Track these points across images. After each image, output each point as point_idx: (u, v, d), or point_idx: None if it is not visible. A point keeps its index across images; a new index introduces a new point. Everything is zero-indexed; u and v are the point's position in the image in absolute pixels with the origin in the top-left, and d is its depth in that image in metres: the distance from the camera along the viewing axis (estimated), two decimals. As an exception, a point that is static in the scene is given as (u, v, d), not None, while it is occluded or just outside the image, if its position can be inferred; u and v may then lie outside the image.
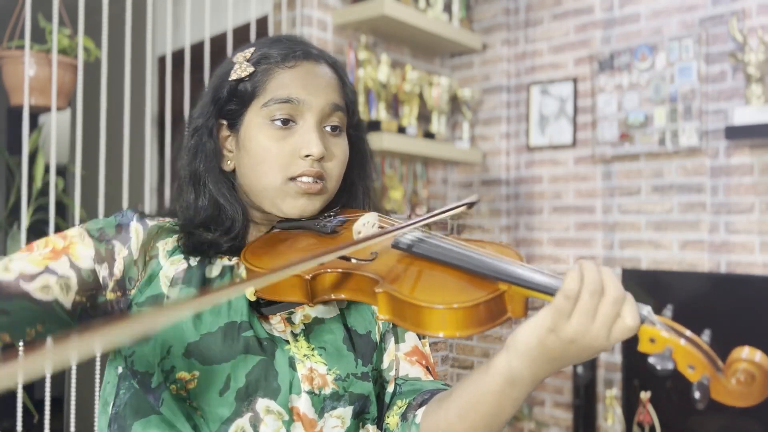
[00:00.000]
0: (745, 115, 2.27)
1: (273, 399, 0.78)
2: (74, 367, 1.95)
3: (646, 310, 0.64)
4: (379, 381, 0.89)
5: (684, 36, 2.52)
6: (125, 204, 2.08)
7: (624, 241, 2.68)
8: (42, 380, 1.91)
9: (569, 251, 2.83)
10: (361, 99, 2.57)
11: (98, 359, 2.05)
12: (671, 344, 0.62)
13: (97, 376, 2.02)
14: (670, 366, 0.61)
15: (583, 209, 2.79)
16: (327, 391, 0.81)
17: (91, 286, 0.82)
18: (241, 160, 0.90)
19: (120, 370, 0.84)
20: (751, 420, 2.18)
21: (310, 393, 0.80)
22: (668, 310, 0.66)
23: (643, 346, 0.64)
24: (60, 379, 2.81)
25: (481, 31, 3.08)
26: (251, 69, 0.88)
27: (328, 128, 0.90)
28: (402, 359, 0.91)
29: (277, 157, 0.86)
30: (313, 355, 0.82)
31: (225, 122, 0.92)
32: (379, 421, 0.89)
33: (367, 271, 0.74)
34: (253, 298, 0.84)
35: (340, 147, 0.91)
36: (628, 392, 2.43)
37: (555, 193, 2.88)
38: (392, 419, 0.86)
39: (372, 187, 1.00)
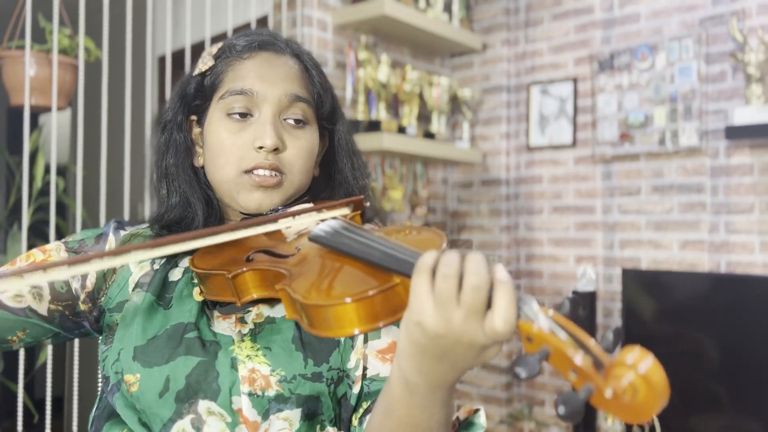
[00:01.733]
0: (745, 115, 2.27)
1: (213, 400, 0.76)
2: (75, 367, 1.95)
3: (529, 305, 0.54)
4: (346, 381, 0.84)
5: (684, 36, 2.52)
6: (126, 204, 2.08)
7: (624, 241, 2.68)
8: (42, 380, 1.91)
9: (569, 251, 2.83)
10: (361, 99, 2.58)
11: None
12: (549, 345, 0.52)
13: (99, 376, 2.02)
14: (535, 371, 0.51)
15: (583, 209, 2.79)
16: (270, 392, 0.77)
17: (65, 297, 0.84)
18: (205, 154, 0.90)
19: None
20: (751, 420, 2.18)
21: (251, 395, 0.76)
22: (566, 303, 0.55)
23: (524, 347, 0.54)
24: (60, 379, 2.81)
25: (481, 31, 3.08)
26: (211, 62, 0.89)
27: (290, 120, 0.88)
28: (373, 357, 0.84)
29: (232, 149, 0.86)
30: (256, 356, 0.79)
31: (195, 118, 0.92)
32: (344, 423, 0.84)
33: (282, 267, 0.71)
34: (199, 299, 0.84)
35: (303, 139, 0.89)
36: (628, 392, 2.43)
37: (555, 193, 2.88)
38: (356, 420, 0.82)
39: (354, 179, 0.96)
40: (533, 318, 0.54)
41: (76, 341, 1.95)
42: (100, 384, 2.06)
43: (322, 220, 0.77)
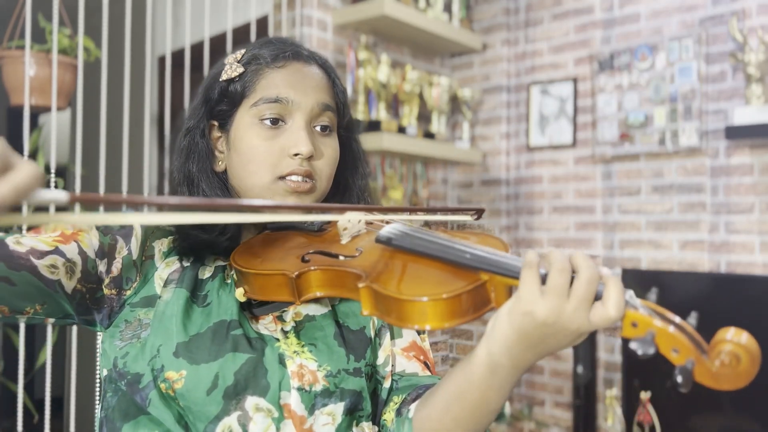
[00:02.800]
0: (745, 115, 2.27)
1: (262, 396, 0.78)
2: (74, 367, 1.95)
3: (628, 294, 0.63)
4: (375, 377, 0.89)
5: (684, 36, 2.52)
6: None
7: (624, 241, 2.68)
8: (42, 380, 1.91)
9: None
10: (361, 99, 2.58)
11: (98, 359, 2.05)
12: (654, 328, 0.61)
13: (98, 377, 2.02)
14: (651, 351, 0.59)
15: (583, 209, 2.79)
16: (318, 387, 0.80)
17: (92, 279, 0.83)
18: (231, 160, 0.91)
19: (105, 372, 0.84)
20: (751, 420, 2.18)
21: (300, 389, 0.79)
22: (653, 293, 0.66)
23: (626, 331, 0.62)
24: (60, 379, 2.81)
25: (481, 31, 3.08)
26: (241, 69, 0.90)
27: (318, 128, 0.91)
28: (399, 354, 0.91)
29: (266, 155, 0.87)
30: (303, 352, 0.82)
31: (216, 123, 0.93)
32: (376, 418, 0.88)
33: (351, 266, 0.74)
34: (243, 299, 0.85)
35: (330, 146, 0.92)
36: (628, 392, 2.43)
37: (555, 193, 2.88)
38: (388, 415, 0.86)
39: (367, 186, 1.00)
40: (636, 306, 0.62)
41: (75, 341, 1.95)
42: (98, 384, 2.02)
43: (386, 223, 0.81)
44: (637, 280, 2.45)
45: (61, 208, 0.57)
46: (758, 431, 2.15)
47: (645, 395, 2.31)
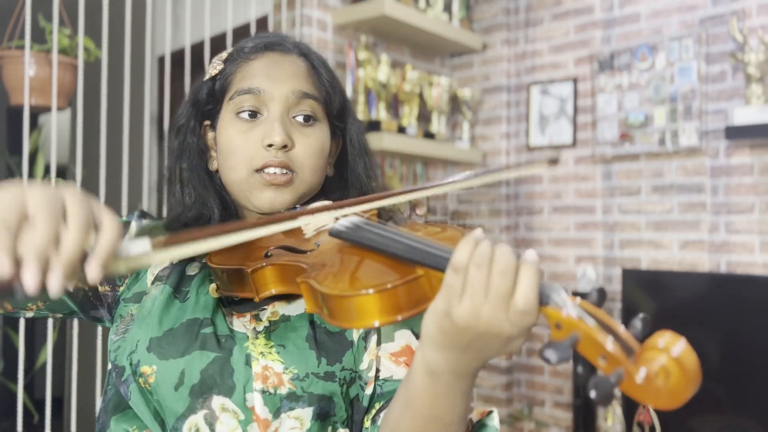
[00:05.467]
0: (745, 115, 2.27)
1: (228, 397, 0.77)
2: (75, 367, 1.95)
3: (556, 291, 0.55)
4: (358, 383, 0.84)
5: (684, 36, 2.52)
6: (125, 204, 2.08)
7: (624, 241, 2.68)
8: (42, 380, 1.91)
9: (569, 251, 2.83)
10: (361, 99, 2.57)
11: (99, 359, 2.05)
12: (578, 331, 0.53)
13: (98, 376, 2.02)
14: (566, 355, 0.51)
15: (583, 209, 2.79)
16: (283, 390, 0.77)
17: None
18: (218, 156, 0.91)
19: (110, 366, 0.85)
20: (751, 420, 2.18)
21: (263, 392, 0.77)
22: (594, 293, 0.57)
23: (552, 334, 0.54)
24: (60, 379, 2.81)
25: (481, 31, 3.08)
26: (221, 66, 0.90)
27: (299, 118, 0.88)
28: (386, 359, 0.84)
29: (242, 149, 0.86)
30: (270, 353, 0.79)
31: (209, 123, 0.93)
32: (355, 424, 0.84)
33: (302, 262, 0.72)
34: (215, 295, 0.84)
35: (313, 137, 0.89)
36: (628, 392, 2.42)
37: (555, 193, 2.88)
38: (368, 422, 0.82)
39: (367, 179, 0.96)
40: (561, 305, 0.54)
41: (75, 341, 1.95)
42: (99, 384, 2.03)
43: (343, 216, 0.77)
44: (637, 280, 2.45)
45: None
46: (758, 431, 2.15)
47: (645, 395, 2.31)
